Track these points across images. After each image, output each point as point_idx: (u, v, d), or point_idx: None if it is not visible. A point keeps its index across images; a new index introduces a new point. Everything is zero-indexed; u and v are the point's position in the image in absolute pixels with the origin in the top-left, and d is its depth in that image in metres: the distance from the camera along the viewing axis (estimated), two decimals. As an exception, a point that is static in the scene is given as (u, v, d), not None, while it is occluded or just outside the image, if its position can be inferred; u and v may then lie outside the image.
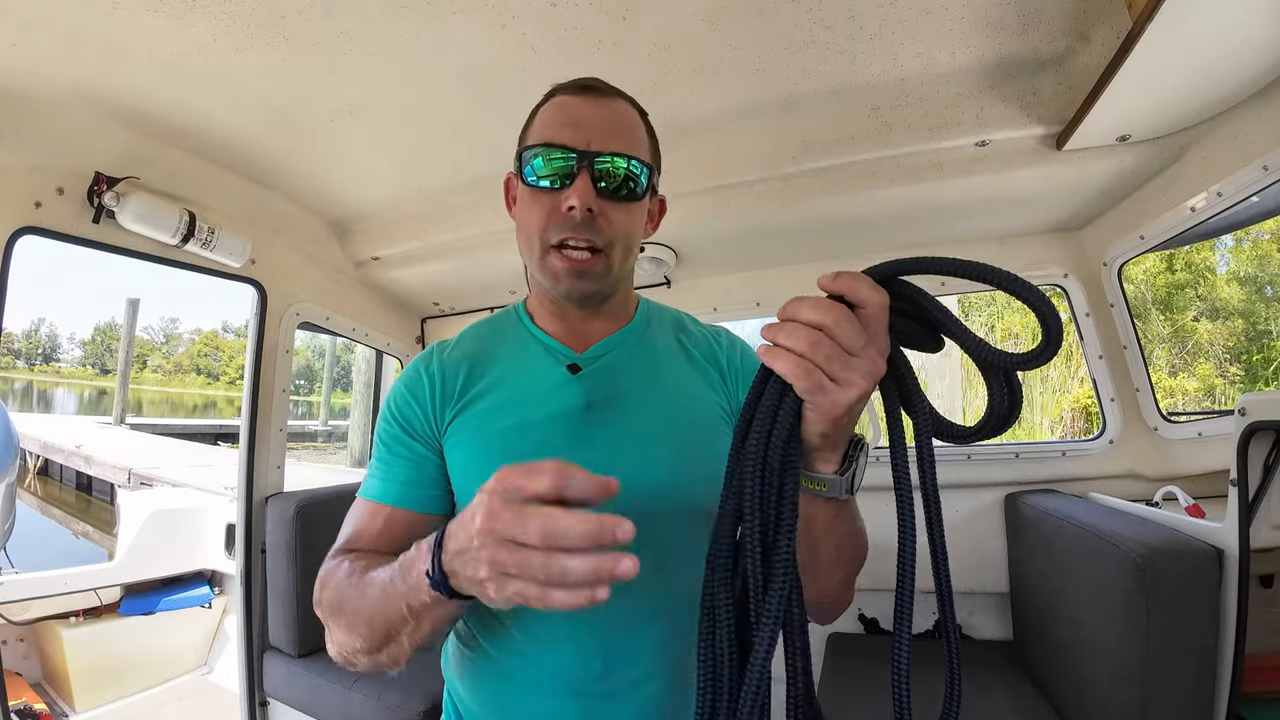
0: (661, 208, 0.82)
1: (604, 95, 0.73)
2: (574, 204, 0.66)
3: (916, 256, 0.49)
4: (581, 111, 0.70)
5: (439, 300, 2.53)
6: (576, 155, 0.67)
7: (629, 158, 0.69)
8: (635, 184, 0.70)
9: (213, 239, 1.68)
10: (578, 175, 0.67)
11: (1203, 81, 1.11)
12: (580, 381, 0.74)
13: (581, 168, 0.67)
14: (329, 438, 21.69)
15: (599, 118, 0.70)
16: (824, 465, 0.53)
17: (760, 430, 0.49)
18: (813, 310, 0.46)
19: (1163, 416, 1.69)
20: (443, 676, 0.81)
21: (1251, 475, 1.11)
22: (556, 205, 0.68)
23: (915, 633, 1.99)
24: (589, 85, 0.73)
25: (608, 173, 0.68)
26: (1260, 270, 8.78)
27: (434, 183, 1.80)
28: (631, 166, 0.69)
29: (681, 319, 0.86)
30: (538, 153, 0.68)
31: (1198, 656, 1.11)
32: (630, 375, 0.75)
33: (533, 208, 0.70)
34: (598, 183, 0.67)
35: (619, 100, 0.74)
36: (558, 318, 0.79)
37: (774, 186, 1.61)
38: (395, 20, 1.13)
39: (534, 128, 0.73)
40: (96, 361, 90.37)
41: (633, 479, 0.66)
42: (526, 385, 0.74)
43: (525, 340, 0.79)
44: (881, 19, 1.14)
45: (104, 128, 1.45)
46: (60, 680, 2.64)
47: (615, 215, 0.69)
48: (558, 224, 0.68)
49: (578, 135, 0.68)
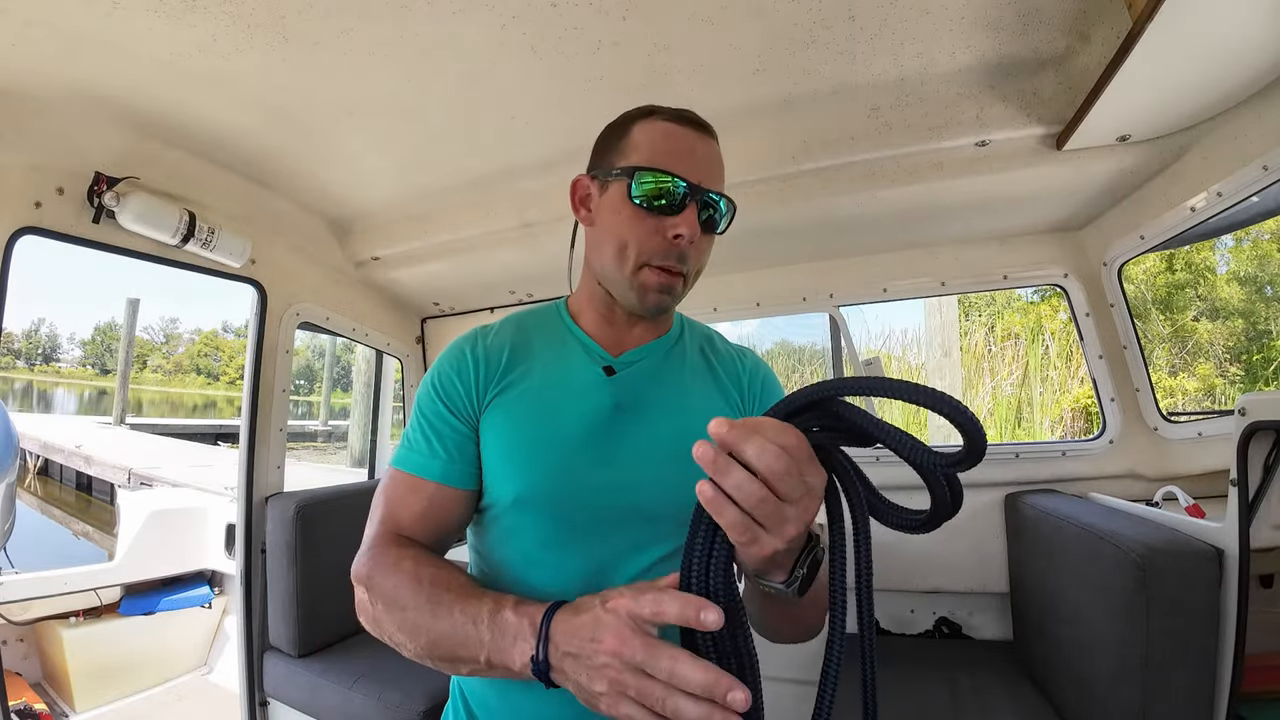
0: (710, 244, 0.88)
1: (706, 132, 0.77)
2: (683, 233, 0.71)
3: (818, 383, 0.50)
4: (692, 145, 0.74)
5: (439, 300, 2.53)
6: (688, 187, 0.71)
7: (726, 198, 0.75)
8: (722, 221, 0.76)
9: (213, 239, 1.68)
10: (687, 207, 0.71)
11: (1203, 81, 1.11)
12: (613, 383, 0.77)
13: (692, 201, 0.72)
14: (329, 438, 21.69)
15: (705, 154, 0.74)
16: (773, 576, 0.56)
17: (699, 574, 0.52)
18: (761, 457, 0.46)
19: (1163, 416, 1.69)
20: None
21: (1251, 475, 1.11)
22: (661, 230, 0.72)
23: (915, 632, 1.99)
24: (694, 119, 0.76)
25: (711, 210, 0.74)
26: (1260, 270, 8.77)
27: (434, 183, 1.80)
28: (723, 204, 0.75)
29: (711, 336, 0.91)
30: (651, 177, 0.72)
31: (1198, 656, 1.11)
32: (658, 384, 0.80)
33: (635, 225, 0.73)
34: (701, 216, 0.73)
35: (714, 140, 0.78)
36: (604, 322, 0.82)
37: (774, 186, 1.61)
38: (395, 20, 1.13)
39: (639, 148, 0.75)
40: (96, 361, 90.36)
41: (648, 482, 0.72)
42: (562, 379, 0.77)
43: (564, 337, 0.82)
44: (881, 19, 1.14)
45: (104, 128, 1.45)
46: (60, 680, 2.64)
47: (703, 246, 0.76)
48: (660, 248, 0.72)
49: (692, 169, 0.72)
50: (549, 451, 0.73)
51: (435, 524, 0.74)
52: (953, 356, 5.66)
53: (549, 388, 0.77)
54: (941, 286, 1.95)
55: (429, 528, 0.73)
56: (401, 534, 0.73)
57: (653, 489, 0.72)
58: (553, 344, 0.81)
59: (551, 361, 0.79)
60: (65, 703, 2.59)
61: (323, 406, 26.82)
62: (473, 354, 0.79)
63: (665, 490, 0.71)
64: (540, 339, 0.82)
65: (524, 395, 0.76)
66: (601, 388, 0.77)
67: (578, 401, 0.75)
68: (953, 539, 1.92)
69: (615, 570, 0.71)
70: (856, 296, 2.03)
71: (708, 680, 0.45)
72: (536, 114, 1.45)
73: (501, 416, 0.75)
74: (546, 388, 0.77)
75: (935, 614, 1.98)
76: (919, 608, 1.99)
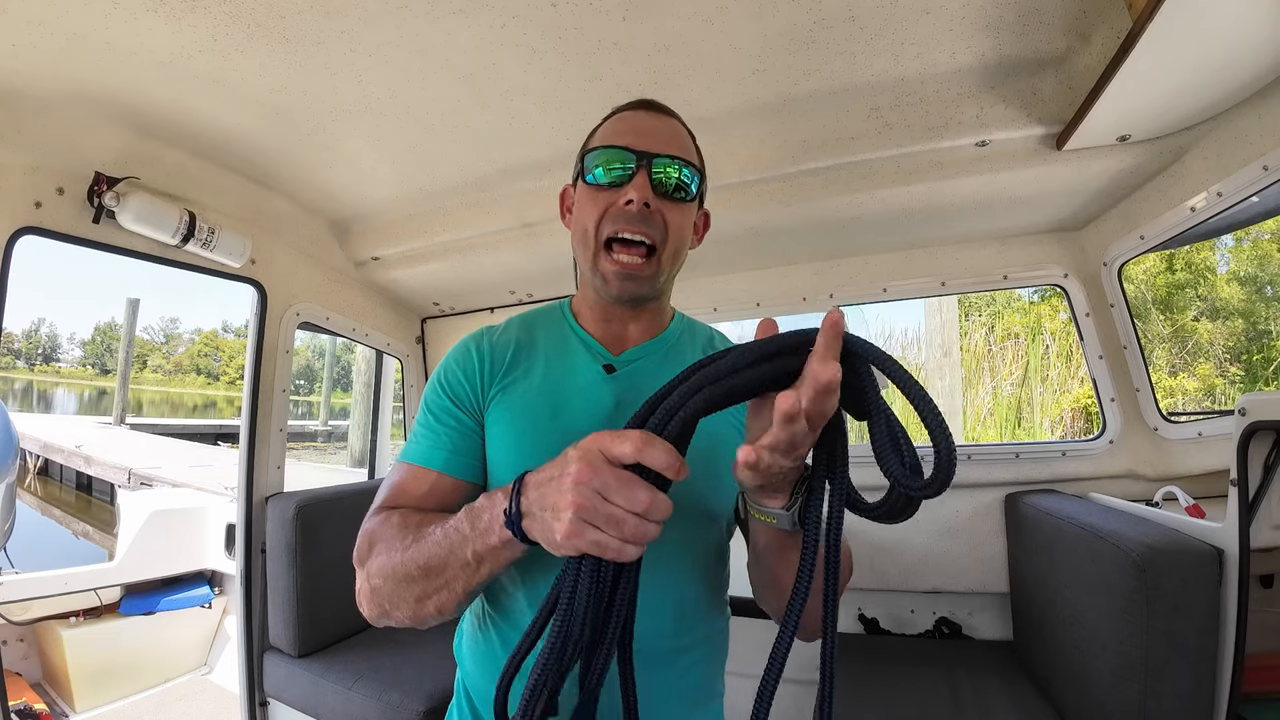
0: (706, 221, 0.88)
1: (661, 111, 0.80)
2: (632, 197, 0.72)
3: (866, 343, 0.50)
4: (641, 122, 0.77)
5: (439, 300, 2.53)
6: (636, 155, 0.73)
7: (683, 161, 0.75)
8: (688, 187, 0.76)
9: (213, 239, 1.68)
10: (637, 173, 0.73)
11: (1203, 81, 1.11)
12: (613, 381, 0.79)
13: (641, 167, 0.73)
14: (329, 438, 21.69)
15: (657, 128, 0.77)
16: (770, 501, 0.58)
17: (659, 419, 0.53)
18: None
19: (1163, 416, 1.69)
20: (455, 659, 0.86)
21: (1251, 475, 1.11)
22: (614, 200, 0.73)
23: (915, 632, 1.99)
24: (647, 102, 0.80)
25: (665, 173, 0.74)
26: (1260, 270, 8.77)
27: (434, 183, 1.80)
28: (684, 172, 0.75)
29: (712, 336, 0.91)
30: (599, 154, 0.75)
31: (1198, 656, 1.11)
32: (658, 381, 0.79)
33: (589, 206, 0.75)
34: (657, 183, 0.74)
35: (672, 118, 0.81)
36: (602, 320, 0.84)
37: (774, 186, 1.61)
38: (395, 20, 1.13)
39: (595, 138, 0.80)
40: (96, 361, 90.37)
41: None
42: (565, 377, 0.80)
43: (567, 336, 0.84)
44: (881, 19, 1.14)
45: (104, 128, 1.45)
46: (60, 680, 2.64)
47: (670, 214, 0.75)
48: (614, 216, 0.73)
49: (638, 140, 0.75)
50: (551, 446, 0.72)
51: (435, 509, 0.74)
52: (953, 356, 5.66)
53: (552, 385, 0.78)
54: (941, 286, 1.95)
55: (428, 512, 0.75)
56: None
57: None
58: (556, 342, 0.83)
59: (554, 359, 0.81)
60: (65, 703, 2.59)
61: (323, 406, 26.82)
62: (478, 351, 0.81)
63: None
64: (544, 337, 0.84)
65: (527, 392, 0.78)
66: (602, 385, 0.78)
67: (579, 398, 0.77)
68: (953, 539, 1.92)
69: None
70: (856, 296, 2.03)
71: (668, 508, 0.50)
72: (536, 114, 1.45)
73: (505, 412, 0.77)
74: (549, 385, 0.78)
75: (935, 614, 1.98)
76: (919, 608, 1.99)
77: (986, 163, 1.45)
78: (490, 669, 0.75)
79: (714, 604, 0.80)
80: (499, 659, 0.74)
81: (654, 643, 0.73)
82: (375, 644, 1.94)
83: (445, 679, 1.70)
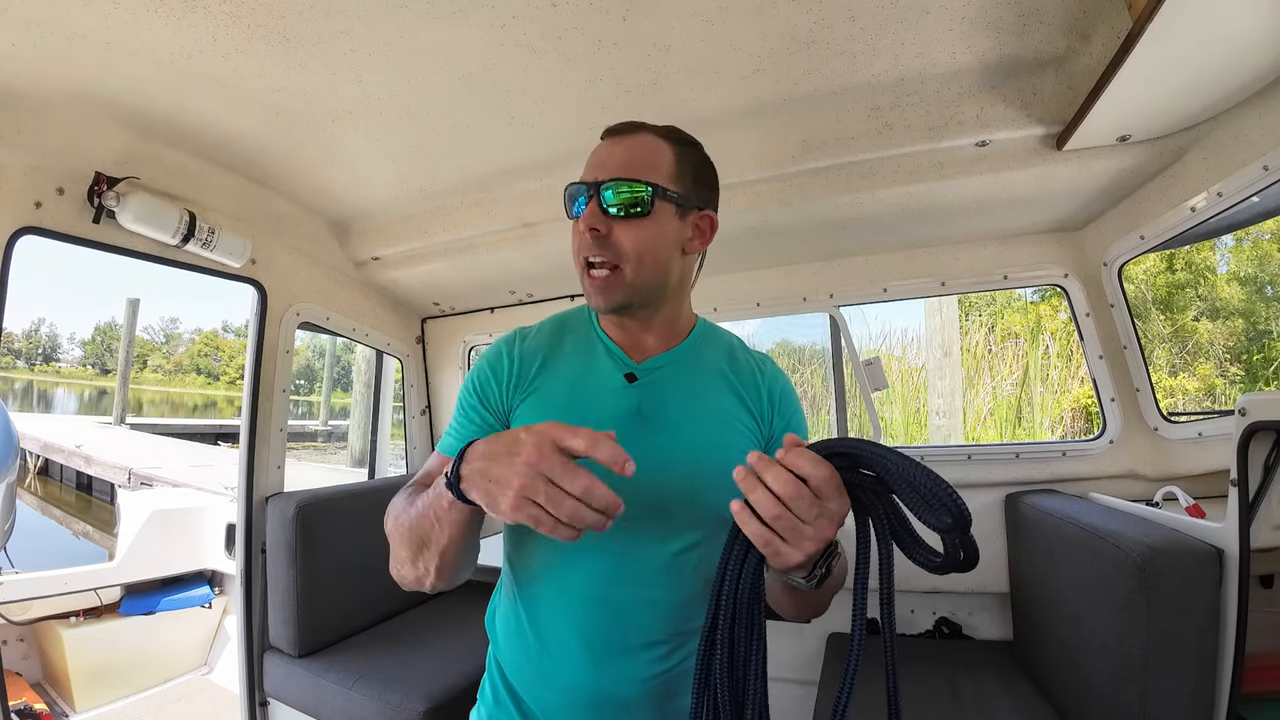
0: (711, 225, 0.89)
1: (624, 134, 0.84)
2: (583, 226, 0.79)
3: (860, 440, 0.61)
4: (600, 153, 0.83)
5: (439, 300, 2.53)
6: (587, 186, 0.80)
7: (630, 181, 0.79)
8: (640, 205, 0.79)
9: (213, 239, 1.68)
10: (589, 203, 0.79)
11: (1203, 81, 1.11)
12: (636, 390, 0.84)
13: (590, 196, 0.79)
14: (329, 438, 21.67)
15: (614, 154, 0.81)
16: (796, 574, 0.65)
17: (731, 580, 0.64)
18: (776, 482, 0.58)
19: (1163, 416, 1.69)
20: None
21: (1252, 475, 1.11)
22: (580, 230, 0.80)
23: (915, 632, 1.99)
24: (614, 129, 0.85)
25: (615, 197, 0.79)
26: (1260, 270, 8.76)
27: (434, 183, 1.80)
28: (634, 189, 0.78)
29: (733, 345, 0.95)
30: (569, 191, 0.82)
31: (1198, 656, 1.11)
32: (678, 391, 0.86)
33: (573, 236, 0.83)
34: (606, 207, 0.79)
35: (641, 134, 0.84)
36: (619, 329, 0.89)
37: (774, 186, 1.61)
38: (395, 20, 1.13)
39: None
40: (96, 361, 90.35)
41: (667, 484, 0.79)
42: (589, 382, 0.85)
43: (593, 342, 0.89)
44: (882, 19, 1.14)
45: (104, 128, 1.45)
46: (60, 680, 2.64)
47: (625, 233, 0.79)
48: (581, 245, 0.81)
49: (591, 171, 0.81)
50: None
51: None
52: (953, 356, 5.66)
53: (576, 389, 0.84)
54: (941, 286, 1.95)
55: None
56: None
57: (671, 490, 0.78)
58: (582, 347, 0.89)
59: (579, 364, 0.87)
60: (65, 703, 2.59)
61: (323, 406, 26.79)
62: (509, 355, 0.88)
63: (683, 491, 0.79)
64: (572, 341, 0.90)
65: (553, 395, 0.84)
66: (624, 393, 0.83)
67: (602, 404, 0.83)
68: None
69: (634, 561, 0.78)
70: (856, 296, 2.03)
71: (610, 499, 0.57)
72: (536, 114, 1.45)
73: (531, 413, 0.83)
74: (574, 389, 0.84)
75: (935, 614, 1.98)
76: (919, 608, 1.99)
77: (986, 163, 1.45)
78: (518, 644, 0.83)
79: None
80: (526, 635, 0.82)
81: (656, 631, 0.79)
82: (375, 644, 1.94)
83: (445, 679, 1.70)
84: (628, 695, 0.78)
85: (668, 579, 0.80)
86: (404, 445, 2.78)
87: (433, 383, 2.74)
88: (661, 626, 0.80)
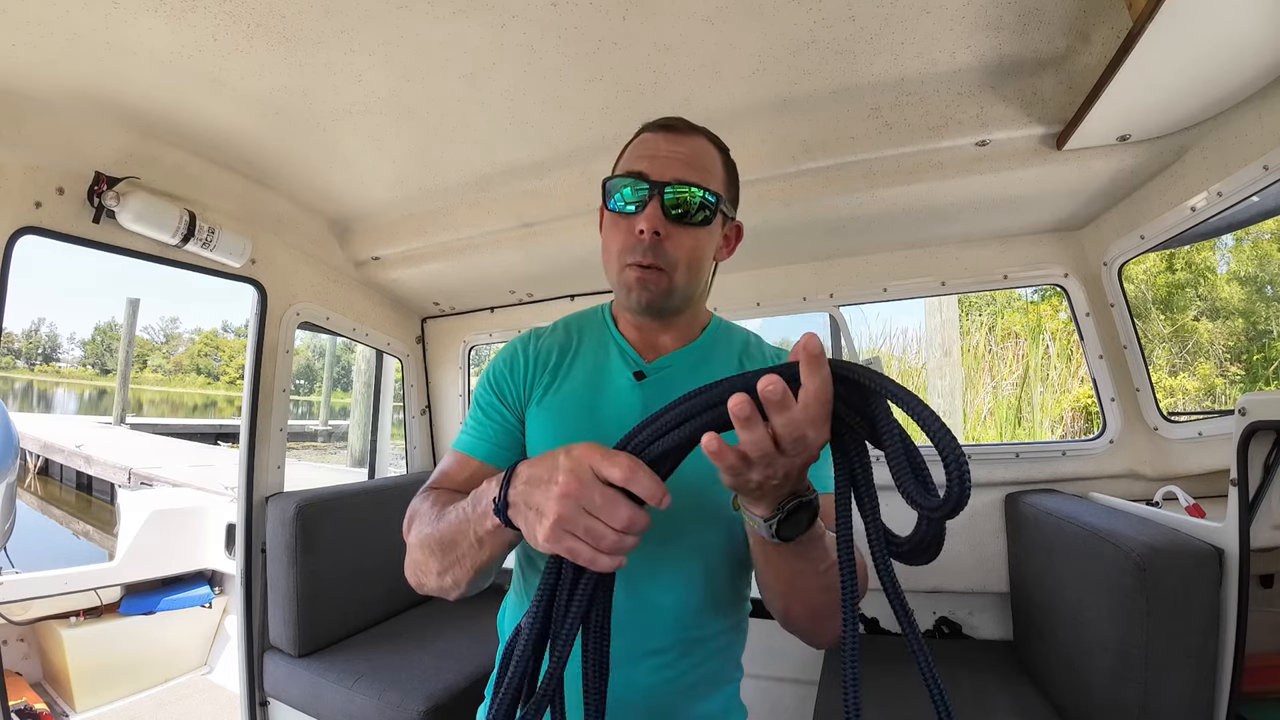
0: (738, 233, 0.89)
1: (683, 132, 0.81)
2: (643, 227, 0.75)
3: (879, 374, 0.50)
4: (660, 146, 0.79)
5: (439, 300, 2.53)
6: (649, 185, 0.76)
7: (698, 187, 0.76)
8: (704, 212, 0.77)
9: (213, 239, 1.68)
10: (649, 202, 0.76)
11: (1203, 81, 1.11)
12: (643, 388, 0.83)
13: (653, 196, 0.76)
14: (329, 438, 21.68)
15: (675, 152, 0.78)
16: (754, 506, 0.59)
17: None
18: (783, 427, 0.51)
19: (1163, 416, 1.69)
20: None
21: (1252, 475, 1.11)
22: (631, 229, 0.77)
23: (915, 632, 1.99)
24: (670, 124, 0.82)
25: (677, 200, 0.76)
26: (1260, 270, 8.76)
27: (434, 183, 1.80)
28: (701, 196, 0.76)
29: (747, 342, 0.92)
30: (618, 183, 0.78)
31: (1198, 656, 1.11)
32: (684, 389, 0.82)
33: (613, 231, 0.80)
34: (669, 210, 0.76)
35: (698, 137, 0.82)
36: (635, 326, 0.88)
37: (774, 186, 1.61)
38: (395, 20, 1.13)
39: (621, 162, 0.83)
40: (96, 361, 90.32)
41: (673, 484, 0.76)
42: (600, 380, 0.85)
43: (606, 340, 0.89)
44: (882, 19, 1.14)
45: (104, 128, 1.45)
46: (60, 680, 2.64)
47: (682, 239, 0.77)
48: (630, 246, 0.77)
49: (654, 167, 0.77)
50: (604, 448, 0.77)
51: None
52: (953, 356, 5.66)
53: (588, 387, 0.84)
54: (941, 286, 1.95)
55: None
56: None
57: (677, 491, 0.76)
58: (595, 346, 0.89)
59: (592, 362, 0.87)
60: (65, 703, 2.59)
61: (323, 406, 26.79)
62: (524, 353, 0.88)
63: (689, 493, 0.75)
64: (587, 341, 0.90)
65: (566, 394, 0.84)
66: (632, 391, 0.83)
67: (612, 402, 0.82)
68: (953, 539, 1.90)
69: (639, 566, 0.76)
70: (856, 296, 2.03)
71: (647, 526, 0.53)
72: (536, 114, 1.45)
73: (545, 411, 0.83)
74: (586, 387, 0.84)
75: (935, 614, 1.98)
76: (919, 608, 1.99)
77: (986, 162, 1.45)
78: None
79: (728, 601, 0.82)
80: None
81: (661, 638, 0.78)
82: (375, 644, 1.94)
83: (445, 679, 1.70)
84: (632, 702, 0.77)
85: (672, 584, 0.78)
86: (404, 445, 2.78)
87: (433, 382, 2.74)
88: (666, 633, 0.79)
